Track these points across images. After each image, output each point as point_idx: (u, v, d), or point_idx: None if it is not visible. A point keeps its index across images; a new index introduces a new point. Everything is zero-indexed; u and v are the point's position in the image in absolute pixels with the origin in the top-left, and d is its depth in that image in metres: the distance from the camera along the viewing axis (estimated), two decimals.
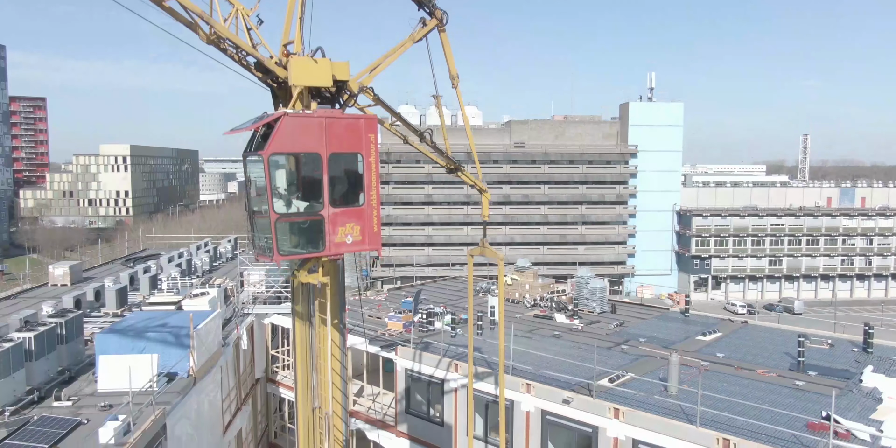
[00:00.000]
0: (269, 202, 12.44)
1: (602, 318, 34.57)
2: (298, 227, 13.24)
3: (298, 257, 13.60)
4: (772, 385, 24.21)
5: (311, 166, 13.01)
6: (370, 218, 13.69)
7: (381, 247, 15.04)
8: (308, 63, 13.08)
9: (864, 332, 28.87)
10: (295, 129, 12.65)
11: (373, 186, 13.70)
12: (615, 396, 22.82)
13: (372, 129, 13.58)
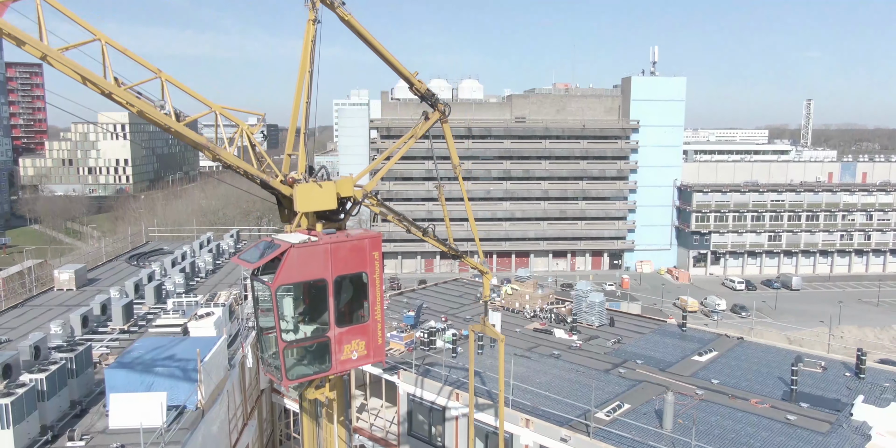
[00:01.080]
0: (277, 331, 12.82)
1: (601, 332, 35.17)
2: (306, 350, 13.63)
3: (306, 379, 14.02)
4: (764, 419, 24.88)
5: (318, 291, 13.33)
6: (374, 332, 14.07)
7: (384, 356, 15.36)
8: (312, 190, 13.27)
9: (857, 358, 29.46)
10: (301, 259, 12.94)
11: (377, 301, 14.06)
12: (611, 434, 23.49)
13: (376, 247, 13.87)
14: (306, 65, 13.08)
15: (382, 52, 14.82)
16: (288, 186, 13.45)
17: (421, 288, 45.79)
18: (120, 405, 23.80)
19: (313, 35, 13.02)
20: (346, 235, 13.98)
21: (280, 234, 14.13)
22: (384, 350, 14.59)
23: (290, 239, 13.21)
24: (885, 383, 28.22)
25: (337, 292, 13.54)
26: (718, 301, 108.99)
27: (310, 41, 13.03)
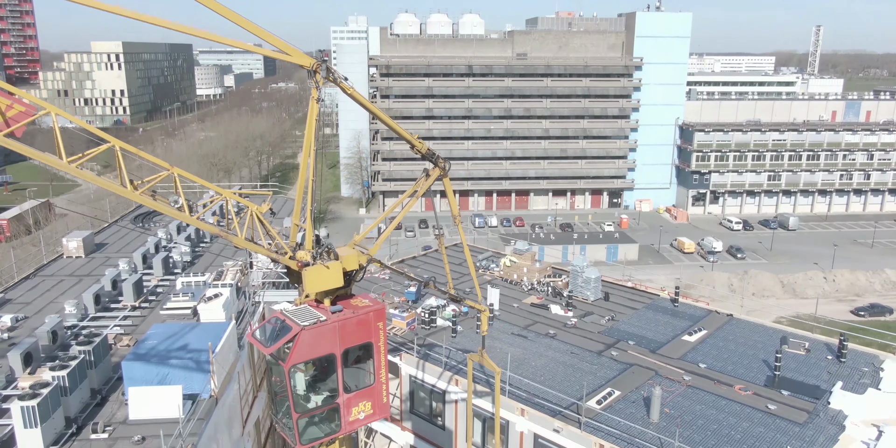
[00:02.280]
0: (291, 402, 13.78)
1: (595, 307, 36.41)
2: (318, 416, 14.63)
3: (318, 442, 15.07)
4: (746, 408, 26.36)
5: (327, 363, 14.20)
6: (380, 393, 15.06)
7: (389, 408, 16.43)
8: (321, 272, 13.93)
9: (839, 343, 30.73)
10: (311, 339, 13.73)
11: (382, 365, 14.97)
12: (601, 425, 24.98)
13: (380, 318, 14.63)
14: (311, 142, 13.51)
15: (382, 117, 15.18)
16: (296, 263, 14.14)
17: (422, 254, 46.81)
18: (138, 398, 25.21)
19: (317, 113, 13.38)
20: (352, 311, 14.78)
21: (288, 308, 14.94)
22: (389, 407, 15.67)
23: (299, 317, 14.01)
24: (864, 368, 29.59)
25: (345, 362, 14.49)
26: (715, 242, 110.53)
27: (314, 120, 13.40)
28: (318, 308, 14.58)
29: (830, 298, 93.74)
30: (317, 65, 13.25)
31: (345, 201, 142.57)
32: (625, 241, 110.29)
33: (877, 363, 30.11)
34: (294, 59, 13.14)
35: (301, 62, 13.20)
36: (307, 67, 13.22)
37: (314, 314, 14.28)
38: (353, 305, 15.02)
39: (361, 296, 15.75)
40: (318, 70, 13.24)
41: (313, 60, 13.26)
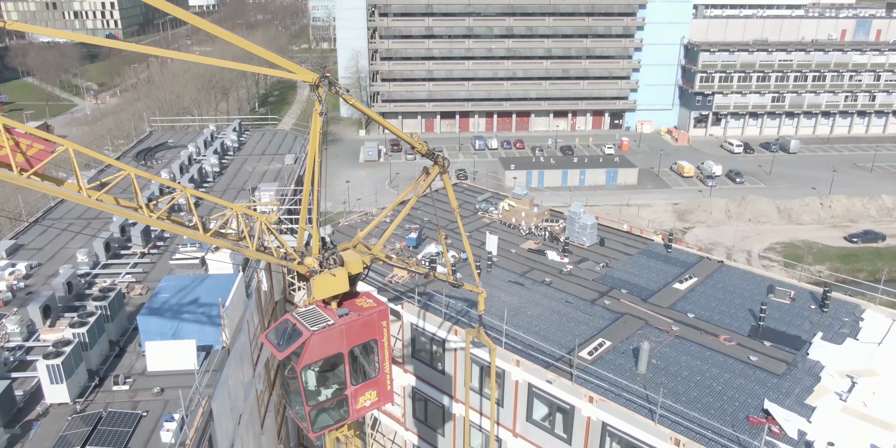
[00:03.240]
0: (303, 398, 14.90)
1: (591, 252, 37.52)
2: (328, 407, 15.79)
3: (329, 429, 16.32)
4: (729, 359, 27.92)
5: (336, 362, 15.21)
6: (384, 382, 16.19)
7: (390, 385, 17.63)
8: (327, 280, 14.69)
9: (823, 293, 31.97)
10: (320, 342, 14.67)
11: (386, 358, 16.01)
12: (591, 377, 26.58)
13: (384, 317, 15.52)
14: (316, 153, 14.00)
15: (382, 123, 15.57)
16: (305, 267, 14.95)
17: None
18: (155, 352, 26.72)
19: (320, 125, 13.81)
20: (357, 314, 15.71)
21: (299, 310, 15.85)
22: (393, 393, 16.91)
23: (309, 321, 14.96)
24: (845, 318, 30.98)
25: (352, 359, 15.57)
26: (714, 166, 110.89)
27: (318, 132, 13.84)
28: (326, 310, 15.56)
29: (825, 224, 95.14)
30: (319, 80, 13.60)
31: (344, 122, 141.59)
32: (624, 165, 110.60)
33: (857, 313, 31.49)
34: (298, 77, 13.47)
35: (305, 78, 13.54)
36: (310, 83, 13.57)
37: (323, 317, 15.27)
38: (358, 306, 16.01)
39: (365, 295, 16.73)
40: (320, 84, 13.59)
41: (316, 76, 13.59)
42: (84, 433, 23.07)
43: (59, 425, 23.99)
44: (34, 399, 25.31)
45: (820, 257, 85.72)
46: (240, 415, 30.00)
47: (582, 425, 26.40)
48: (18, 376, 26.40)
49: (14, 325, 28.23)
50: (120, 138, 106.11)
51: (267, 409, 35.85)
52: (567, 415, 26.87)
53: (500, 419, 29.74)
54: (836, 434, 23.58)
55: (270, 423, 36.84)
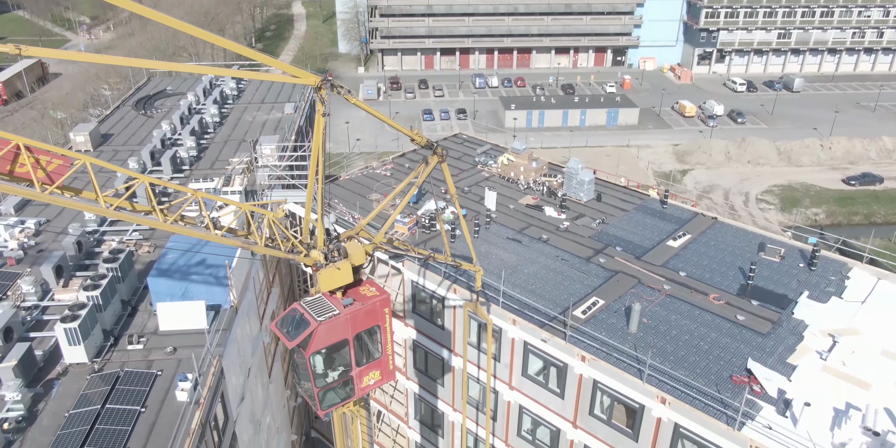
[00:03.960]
0: (312, 380, 15.87)
1: (587, 208, 38.23)
2: (335, 387, 16.78)
3: (337, 406, 17.36)
4: (717, 318, 29.07)
5: (342, 347, 16.09)
6: (387, 362, 17.14)
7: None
8: (332, 273, 15.39)
9: (812, 251, 32.86)
10: (327, 331, 15.49)
11: (388, 341, 16.89)
12: (584, 335, 27.78)
13: (386, 305, 16.30)
14: (320, 154, 14.50)
15: (382, 118, 15.96)
16: (312, 264, 15.69)
17: None
18: (166, 312, 27.87)
19: (324, 126, 14.25)
20: (361, 303, 16.53)
21: (306, 299, 16.65)
22: (395, 372, 17.96)
23: (316, 311, 15.79)
24: (832, 277, 31.98)
25: (356, 343, 16.51)
26: (716, 106, 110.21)
27: (321, 133, 14.29)
28: (332, 298, 16.43)
29: (825, 166, 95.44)
30: (321, 82, 14.01)
31: (342, 58, 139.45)
32: (626, 104, 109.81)
33: (844, 271, 32.46)
34: (302, 81, 13.86)
35: (308, 82, 13.93)
36: (313, 86, 13.97)
37: (329, 307, 16.15)
38: (361, 295, 16.87)
39: (368, 282, 17.56)
40: (322, 86, 13.99)
41: (319, 78, 14.00)
42: (104, 392, 24.46)
43: (78, 384, 25.37)
44: (53, 358, 26.63)
45: (817, 200, 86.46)
46: (249, 368, 31.45)
47: (574, 382, 27.80)
48: (37, 336, 27.65)
49: (29, 285, 29.29)
50: (116, 77, 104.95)
51: (273, 359, 37.42)
52: (560, 371, 28.25)
53: (496, 373, 31.20)
54: (815, 392, 24.90)
55: (277, 371, 38.52)
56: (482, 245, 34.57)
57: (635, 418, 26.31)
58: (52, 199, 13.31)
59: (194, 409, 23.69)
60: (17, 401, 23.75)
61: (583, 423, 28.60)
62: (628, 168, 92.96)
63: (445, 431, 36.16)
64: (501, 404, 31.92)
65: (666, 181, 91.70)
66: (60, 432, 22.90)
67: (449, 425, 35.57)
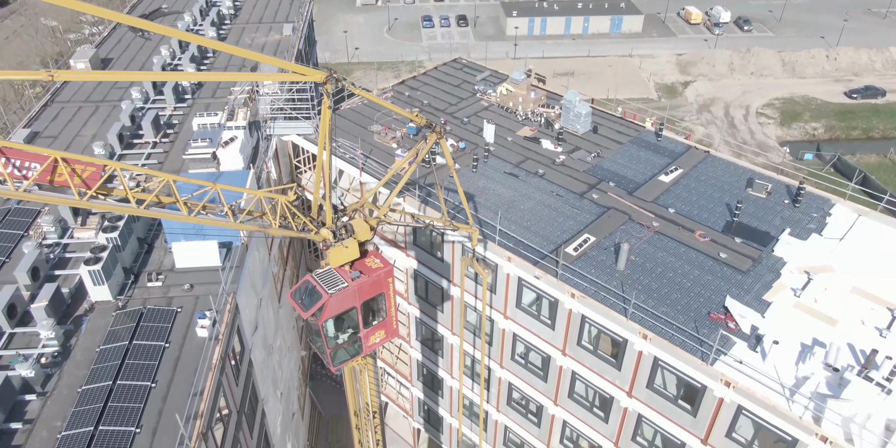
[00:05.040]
0: (324, 342, 17.53)
1: (584, 141, 39.10)
2: (345, 347, 18.47)
3: (347, 363, 19.10)
4: (701, 255, 30.77)
5: (350, 314, 17.63)
6: (391, 322, 18.76)
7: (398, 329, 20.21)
8: (341, 251, 16.65)
9: (798, 189, 34.08)
10: (337, 301, 16.96)
11: (392, 305, 18.44)
12: (575, 273, 29.58)
13: (389, 275, 17.68)
14: (326, 142, 15.48)
15: (383, 104, 16.77)
16: (322, 242, 17.02)
17: (422, 73, 47.78)
18: (181, 251, 29.58)
19: (329, 117, 15.14)
20: (367, 276, 17.99)
21: (317, 271, 18.09)
22: (398, 330, 19.65)
23: (326, 284, 17.31)
24: (814, 214, 33.41)
25: (363, 309, 18.12)
26: (723, 13, 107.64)
27: (327, 122, 15.21)
28: (340, 270, 17.91)
29: (829, 78, 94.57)
30: (327, 78, 14.81)
31: None
32: (630, 11, 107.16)
33: (826, 208, 33.85)
34: (310, 78, 14.64)
35: (315, 78, 14.72)
36: (319, 81, 14.77)
37: (338, 280, 17.68)
38: (367, 267, 18.35)
39: (373, 254, 18.98)
40: (328, 81, 14.80)
41: (325, 74, 14.81)
42: (130, 329, 26.58)
43: (105, 320, 27.48)
44: (79, 295, 28.60)
45: (817, 114, 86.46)
46: (260, 299, 33.57)
47: (564, 315, 29.92)
48: (61, 273, 29.49)
49: (49, 224, 30.82)
50: None
51: (282, 284, 39.59)
52: (552, 305, 30.32)
53: (492, 303, 33.33)
54: (785, 329, 26.97)
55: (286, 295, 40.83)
56: (481, 180, 35.77)
57: (619, 350, 28.61)
58: (90, 204, 14.53)
59: (214, 344, 25.86)
60: (51, 338, 25.90)
61: (571, 352, 31.00)
62: (630, 80, 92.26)
63: (445, 352, 38.88)
64: (497, 332, 34.29)
65: (667, 94, 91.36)
66: (94, 366, 25.17)
67: (448, 347, 38.22)
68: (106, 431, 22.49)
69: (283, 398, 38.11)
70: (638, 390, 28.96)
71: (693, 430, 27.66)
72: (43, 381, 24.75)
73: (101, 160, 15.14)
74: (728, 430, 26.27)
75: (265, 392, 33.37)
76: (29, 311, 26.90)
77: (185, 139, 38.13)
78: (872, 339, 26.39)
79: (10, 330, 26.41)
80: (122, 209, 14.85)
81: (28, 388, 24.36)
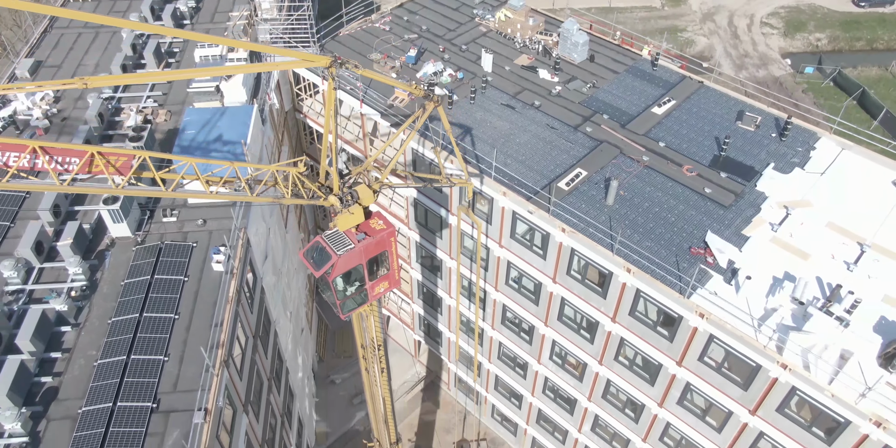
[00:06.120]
0: (334, 295, 19.37)
1: (580, 70, 39.64)
2: (353, 297, 20.33)
3: (355, 310, 20.99)
4: (687, 190, 32.32)
5: (357, 269, 19.35)
6: (393, 274, 20.53)
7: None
8: (347, 217, 18.10)
9: (785, 123, 35.10)
10: (345, 260, 18.58)
11: (394, 260, 20.13)
12: (566, 208, 31.26)
13: (392, 235, 19.21)
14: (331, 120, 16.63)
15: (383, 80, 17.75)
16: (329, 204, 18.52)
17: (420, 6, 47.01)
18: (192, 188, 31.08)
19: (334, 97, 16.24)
20: (372, 237, 19.62)
21: (326, 233, 19.68)
22: (400, 281, 21.46)
23: (335, 245, 19.01)
24: (799, 148, 34.64)
25: (369, 266, 19.90)
26: None
27: (333, 100, 16.33)
28: (347, 233, 19.57)
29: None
30: (332, 62, 15.81)
31: None
32: None
33: (812, 141, 35.04)
34: (318, 64, 15.62)
35: (322, 64, 15.72)
36: (326, 66, 15.77)
37: (346, 242, 19.36)
38: (371, 228, 19.96)
39: (377, 215, 20.50)
40: (333, 66, 15.79)
41: (331, 59, 15.85)
42: (150, 264, 28.61)
43: (126, 255, 29.48)
44: (100, 230, 30.45)
45: (822, 24, 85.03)
46: (269, 228, 35.49)
47: (555, 247, 31.89)
48: (80, 209, 31.19)
49: None
50: None
51: (288, 211, 41.43)
52: (543, 238, 32.24)
53: (488, 233, 35.25)
54: (760, 263, 28.97)
55: (292, 220, 42.80)
56: (478, 112, 36.72)
57: (605, 281, 30.81)
58: (125, 191, 15.94)
59: (229, 278, 27.97)
60: (78, 273, 27.97)
61: (561, 280, 33.24)
62: None
63: (443, 274, 41.25)
64: (492, 259, 36.42)
65: (671, 2, 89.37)
66: (121, 299, 27.39)
67: (446, 270, 40.54)
68: (138, 360, 24.98)
69: (292, 317, 40.91)
70: (621, 317, 31.40)
71: (669, 353, 30.32)
72: (75, 314, 27.01)
73: (130, 150, 16.46)
74: (700, 354, 28.89)
75: (276, 314, 35.98)
76: (54, 247, 28.81)
77: (186, 67, 38.66)
78: (840, 274, 28.42)
79: (39, 265, 28.41)
80: (154, 193, 16.37)
81: (62, 320, 26.65)
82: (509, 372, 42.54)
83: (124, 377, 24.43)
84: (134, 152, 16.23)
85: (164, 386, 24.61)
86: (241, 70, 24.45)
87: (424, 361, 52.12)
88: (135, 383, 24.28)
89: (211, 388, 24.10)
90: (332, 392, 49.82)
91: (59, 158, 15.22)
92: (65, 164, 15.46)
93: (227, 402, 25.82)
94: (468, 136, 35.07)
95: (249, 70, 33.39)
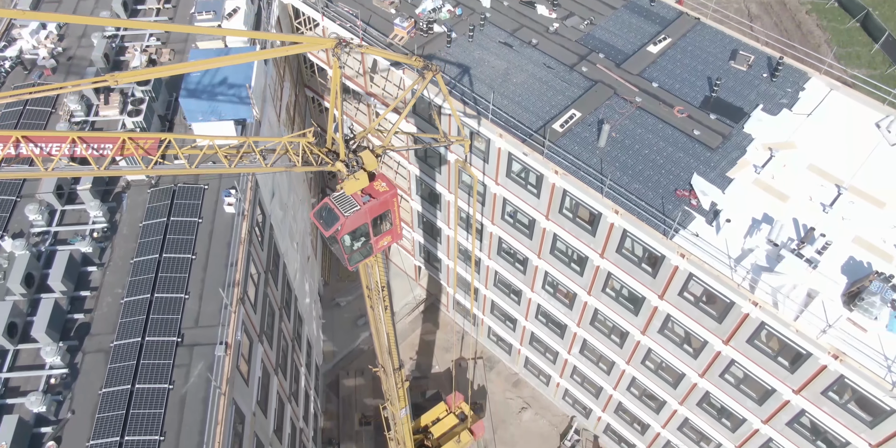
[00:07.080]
0: (342, 249, 21.10)
1: (578, 5, 39.79)
2: (359, 251, 22.01)
3: (360, 262, 22.69)
4: (677, 132, 33.52)
5: (362, 227, 20.94)
6: (395, 229, 22.15)
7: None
8: (353, 183, 19.52)
9: (776, 63, 35.80)
10: (352, 220, 20.13)
11: (396, 217, 21.71)
12: (559, 150, 32.62)
13: (394, 196, 20.69)
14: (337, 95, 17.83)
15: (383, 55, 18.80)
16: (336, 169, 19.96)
17: None
18: (201, 130, 32.36)
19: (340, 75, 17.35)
20: (376, 200, 21.16)
21: (334, 195, 21.17)
22: (401, 233, 23.13)
23: (342, 207, 20.63)
24: (788, 88, 35.51)
25: (373, 223, 21.56)
26: None
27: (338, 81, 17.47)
28: (353, 195, 21.15)
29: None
30: (337, 43, 16.83)
31: None
32: None
33: (802, 82, 35.86)
34: (325, 46, 16.61)
35: (328, 45, 16.71)
36: (331, 47, 16.77)
37: (352, 203, 21.00)
38: (376, 191, 21.49)
39: (380, 177, 21.89)
40: (338, 46, 16.83)
41: (335, 41, 16.88)
42: (166, 206, 30.36)
43: (142, 197, 31.17)
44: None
45: None
46: None
47: (548, 188, 33.50)
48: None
49: (74, 103, 33.25)
50: None
51: None
52: (537, 178, 33.80)
53: (485, 171, 36.74)
54: (741, 205, 30.63)
55: None
56: (476, 50, 37.32)
57: (594, 220, 32.64)
58: (155, 171, 17.35)
59: (241, 220, 29.78)
60: (98, 216, 29.73)
61: (553, 217, 35.06)
62: None
63: (442, 206, 43.04)
64: (489, 195, 38.09)
65: None
66: (140, 241, 29.31)
67: (445, 203, 42.30)
68: (161, 298, 27.18)
69: (299, 247, 43.05)
70: (609, 253, 33.45)
71: (653, 287, 32.58)
72: (99, 254, 28.99)
73: (157, 134, 17.73)
74: (681, 290, 31.14)
75: (285, 247, 38.05)
76: (74, 190, 30.44)
77: (186, 6, 38.92)
78: (816, 215, 30.18)
79: (62, 208, 30.14)
80: (177, 171, 17.86)
81: (88, 260, 28.66)
82: (504, 298, 45.17)
83: (150, 314, 26.69)
84: (160, 135, 17.59)
85: (187, 322, 26.92)
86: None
87: (424, 285, 54.82)
88: (160, 320, 26.57)
89: (230, 324, 26.41)
90: (337, 314, 52.78)
91: (96, 145, 16.68)
92: (100, 150, 16.92)
93: (244, 334, 28.25)
94: (466, 75, 35.87)
95: (258, 57, 33.60)
